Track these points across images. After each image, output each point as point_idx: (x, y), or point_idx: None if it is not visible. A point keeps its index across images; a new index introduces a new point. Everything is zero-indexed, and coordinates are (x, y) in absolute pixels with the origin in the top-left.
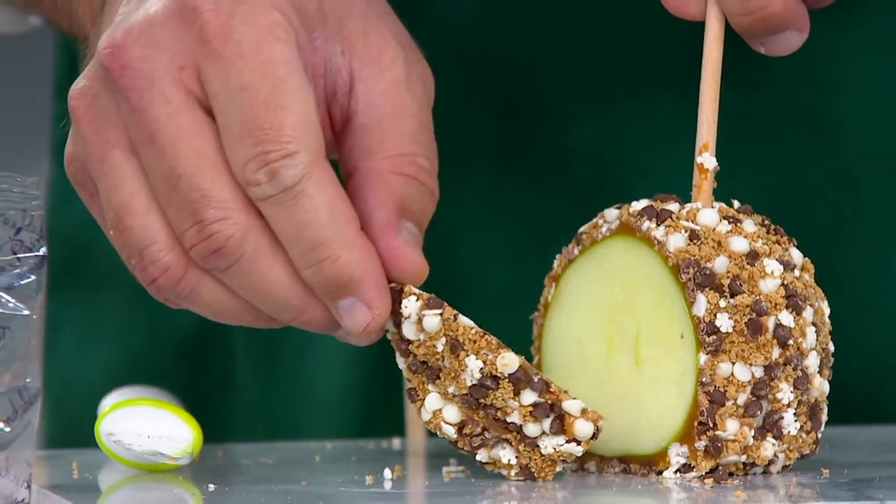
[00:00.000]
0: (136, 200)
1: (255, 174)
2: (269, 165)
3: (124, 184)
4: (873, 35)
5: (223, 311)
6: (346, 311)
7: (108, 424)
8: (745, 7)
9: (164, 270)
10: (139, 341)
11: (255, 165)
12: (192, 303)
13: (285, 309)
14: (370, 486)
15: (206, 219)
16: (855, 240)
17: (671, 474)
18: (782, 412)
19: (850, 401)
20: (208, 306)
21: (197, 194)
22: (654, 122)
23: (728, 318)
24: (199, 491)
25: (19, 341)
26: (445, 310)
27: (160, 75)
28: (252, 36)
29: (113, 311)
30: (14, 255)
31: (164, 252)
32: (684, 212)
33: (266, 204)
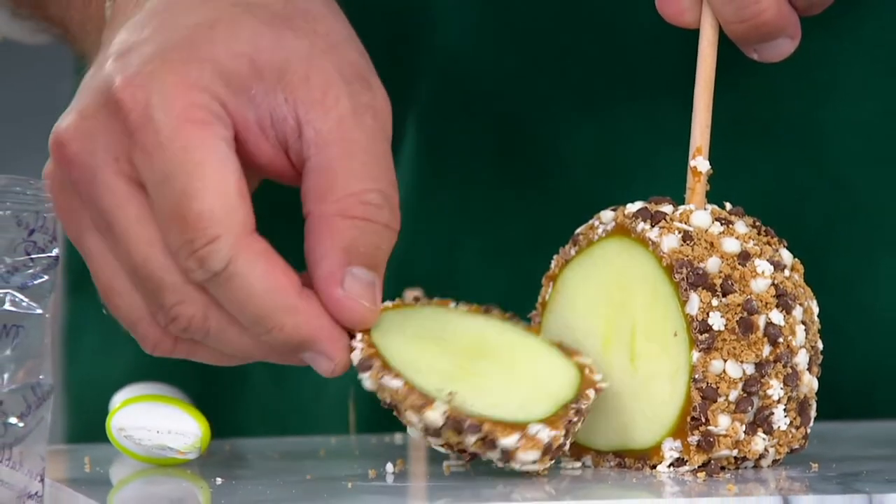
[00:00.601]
0: (117, 282)
1: (187, 262)
2: (195, 253)
3: (104, 267)
4: (865, 43)
5: (229, 357)
6: (311, 360)
7: (119, 420)
8: (739, 15)
9: (156, 344)
10: None
11: (184, 254)
12: (197, 358)
13: (274, 357)
14: (373, 480)
15: (165, 304)
16: (847, 242)
17: (665, 468)
18: (772, 408)
19: (843, 399)
20: (212, 359)
21: (152, 284)
22: (649, 128)
23: (720, 316)
24: (207, 484)
25: (33, 339)
26: (374, 369)
27: (101, 167)
28: (168, 123)
29: None
30: (27, 256)
31: (151, 328)
32: (678, 214)
33: (207, 285)
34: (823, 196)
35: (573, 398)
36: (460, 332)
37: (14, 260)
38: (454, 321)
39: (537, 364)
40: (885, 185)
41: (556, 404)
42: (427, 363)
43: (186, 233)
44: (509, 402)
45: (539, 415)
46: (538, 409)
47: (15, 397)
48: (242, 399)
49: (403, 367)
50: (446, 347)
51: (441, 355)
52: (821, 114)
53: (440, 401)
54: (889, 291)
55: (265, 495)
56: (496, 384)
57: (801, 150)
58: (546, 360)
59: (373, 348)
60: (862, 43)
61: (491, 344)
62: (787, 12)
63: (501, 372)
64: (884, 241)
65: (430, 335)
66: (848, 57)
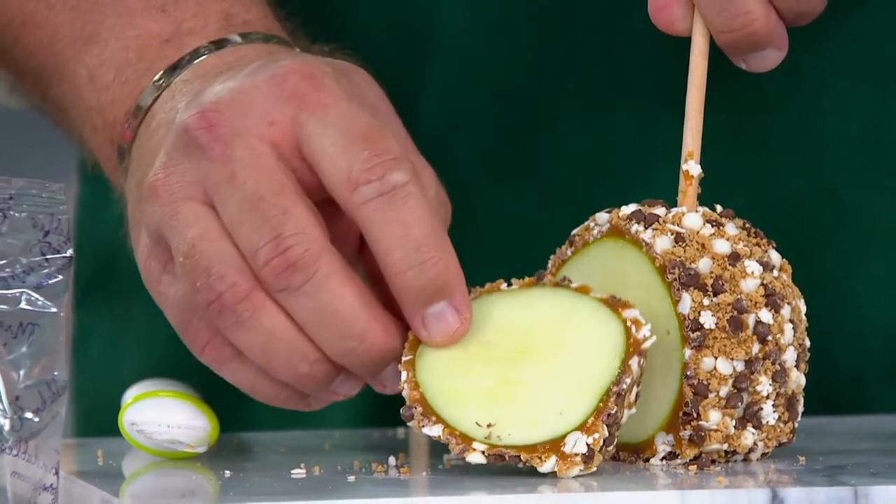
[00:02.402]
0: (210, 231)
1: (369, 174)
2: (381, 166)
3: (198, 220)
4: (853, 56)
5: (273, 350)
6: (435, 317)
7: (131, 414)
8: (729, 25)
9: (231, 286)
10: (163, 349)
11: (364, 165)
12: (248, 331)
13: (347, 334)
14: (375, 473)
15: (284, 232)
16: (838, 246)
17: (658, 461)
18: (761, 403)
19: (834, 397)
20: (261, 342)
21: (277, 210)
22: (644, 133)
23: (711, 315)
24: (216, 477)
25: (48, 337)
26: (415, 419)
27: (247, 129)
28: (344, 91)
29: (138, 321)
30: (43, 256)
31: (233, 271)
32: (670, 216)
33: (370, 207)
34: (814, 203)
35: (616, 378)
36: (506, 328)
37: (30, 260)
38: (501, 314)
39: (582, 343)
40: (874, 192)
41: (598, 393)
42: (469, 388)
43: (371, 151)
44: (549, 411)
45: (577, 419)
46: (578, 410)
47: (31, 393)
48: (248, 402)
49: (445, 402)
50: (490, 355)
51: (484, 371)
52: (811, 124)
53: (478, 441)
54: (877, 293)
55: (272, 487)
56: (537, 391)
57: (793, 159)
58: (592, 333)
59: (416, 390)
60: (850, 56)
61: (535, 336)
62: (776, 23)
63: (543, 372)
64: (872, 245)
65: (476, 342)
66: (837, 70)
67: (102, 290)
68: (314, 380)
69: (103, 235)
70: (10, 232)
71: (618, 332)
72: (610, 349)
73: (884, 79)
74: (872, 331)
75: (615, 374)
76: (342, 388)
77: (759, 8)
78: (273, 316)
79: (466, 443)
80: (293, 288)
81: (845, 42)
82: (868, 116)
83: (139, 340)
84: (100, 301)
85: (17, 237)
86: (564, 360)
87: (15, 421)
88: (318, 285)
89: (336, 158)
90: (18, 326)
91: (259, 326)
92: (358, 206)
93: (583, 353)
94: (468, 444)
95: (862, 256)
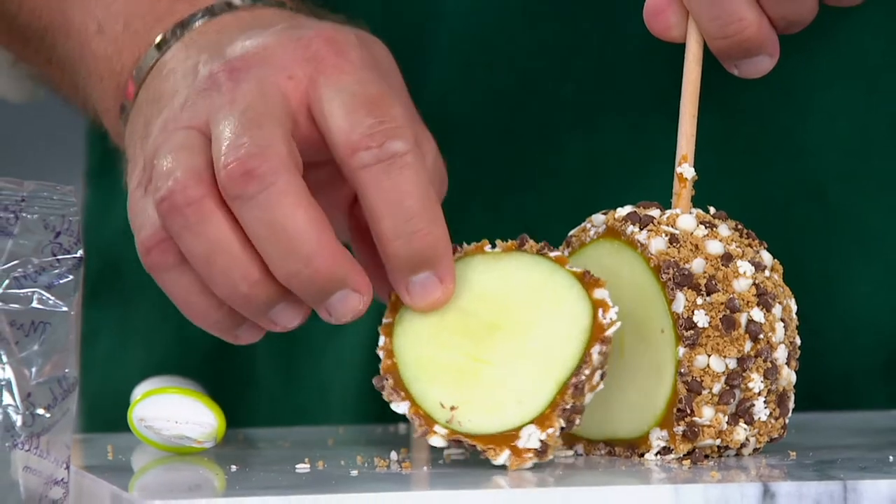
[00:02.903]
0: (191, 146)
1: (369, 140)
2: (382, 133)
3: (184, 139)
4: (841, 64)
5: (215, 262)
6: (419, 285)
7: (140, 411)
8: (722, 31)
9: (184, 188)
10: (167, 347)
11: (367, 130)
12: (193, 237)
13: (294, 253)
14: (378, 467)
15: (250, 142)
16: (825, 247)
17: (652, 456)
18: (753, 400)
19: (823, 394)
20: (204, 250)
21: (254, 126)
22: (639, 138)
23: (704, 314)
24: (222, 471)
25: (59, 335)
26: (386, 390)
27: (266, 75)
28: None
29: (144, 320)
30: (54, 257)
31: (191, 177)
32: (665, 217)
33: (367, 172)
34: (803, 205)
35: (575, 369)
36: (483, 296)
37: (41, 260)
38: (481, 279)
39: (552, 324)
40: (859, 195)
41: (558, 384)
42: (439, 361)
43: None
44: (509, 398)
45: (534, 411)
46: (536, 400)
47: (42, 389)
48: (251, 398)
49: (415, 374)
50: (465, 327)
51: (456, 344)
52: (800, 130)
53: (440, 424)
54: (865, 293)
55: (277, 481)
56: (502, 374)
57: (783, 164)
58: (562, 313)
59: (390, 359)
60: (838, 64)
61: (510, 309)
62: (768, 30)
63: (511, 353)
64: (858, 245)
65: (453, 309)
66: (825, 78)
67: (108, 291)
68: (252, 302)
69: (108, 238)
70: (23, 233)
71: (585, 315)
72: (576, 334)
73: (870, 86)
74: (860, 329)
75: (575, 365)
76: (280, 316)
77: (752, 15)
78: (220, 226)
79: (429, 424)
80: (246, 197)
81: (833, 50)
82: (855, 122)
83: (144, 338)
84: (106, 301)
85: (29, 238)
86: (532, 341)
87: (27, 417)
88: (271, 199)
89: (341, 120)
90: (30, 325)
91: (204, 234)
92: (355, 169)
93: (550, 335)
94: (430, 426)
95: (849, 257)
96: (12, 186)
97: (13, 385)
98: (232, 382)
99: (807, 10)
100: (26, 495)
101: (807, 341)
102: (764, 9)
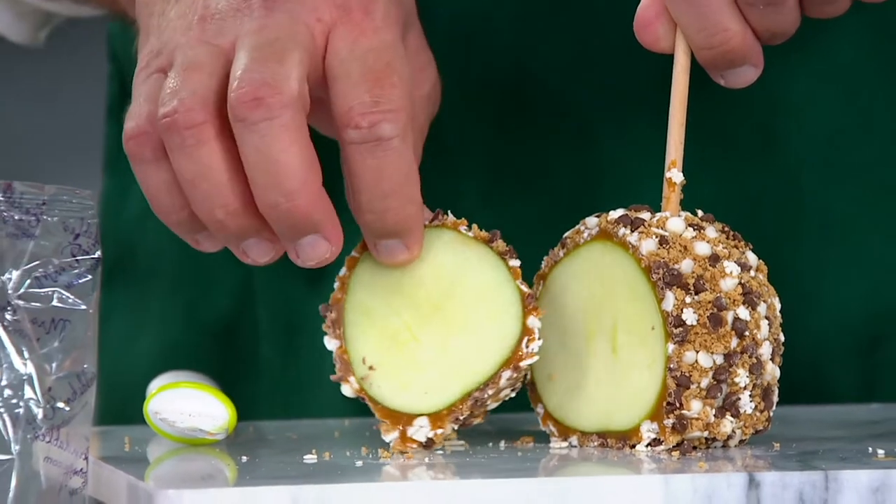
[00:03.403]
0: (207, 66)
1: (361, 119)
2: (375, 114)
3: (206, 56)
4: (814, 64)
5: (199, 183)
6: (387, 249)
7: (155, 404)
8: (708, 42)
9: (188, 111)
10: (177, 330)
11: (361, 109)
12: (185, 157)
13: (279, 186)
14: (382, 458)
15: (267, 73)
16: (797, 238)
17: (643, 447)
18: (739, 394)
19: (794, 382)
20: (192, 171)
21: (275, 58)
22: (629, 141)
23: (693, 312)
24: (233, 461)
25: (78, 332)
26: (326, 321)
27: (297, 13)
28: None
29: (155, 305)
30: (73, 258)
31: (198, 102)
32: (655, 220)
33: (353, 148)
34: (777, 197)
35: (481, 384)
36: (440, 273)
37: (61, 261)
38: (445, 255)
39: (483, 331)
40: (831, 188)
41: (465, 390)
42: (379, 317)
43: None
44: (419, 385)
45: (433, 407)
46: (439, 398)
47: (62, 384)
48: (254, 378)
49: (355, 318)
50: (414, 298)
51: (400, 309)
52: (776, 127)
53: (355, 378)
54: (835, 283)
55: (285, 471)
56: (425, 358)
57: (758, 158)
58: (496, 326)
59: (342, 291)
60: (811, 66)
61: (456, 298)
62: (752, 42)
63: (440, 343)
64: (830, 238)
65: (410, 274)
66: (798, 78)
67: (123, 275)
68: (226, 229)
69: (124, 225)
70: (43, 235)
71: (511, 337)
72: (496, 351)
73: (844, 86)
74: (830, 319)
75: (483, 381)
76: (252, 250)
77: (737, 27)
78: (212, 153)
79: (346, 373)
80: (250, 122)
81: (807, 51)
82: (824, 119)
83: (156, 320)
84: (121, 284)
85: (49, 240)
86: (459, 338)
87: (48, 410)
88: (272, 130)
89: (343, 89)
90: (51, 322)
91: (196, 156)
92: (345, 142)
93: (475, 342)
94: (347, 374)
95: (819, 245)
96: (34, 191)
97: (34, 380)
98: (237, 361)
99: (790, 22)
100: (47, 485)
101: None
102: (749, 21)
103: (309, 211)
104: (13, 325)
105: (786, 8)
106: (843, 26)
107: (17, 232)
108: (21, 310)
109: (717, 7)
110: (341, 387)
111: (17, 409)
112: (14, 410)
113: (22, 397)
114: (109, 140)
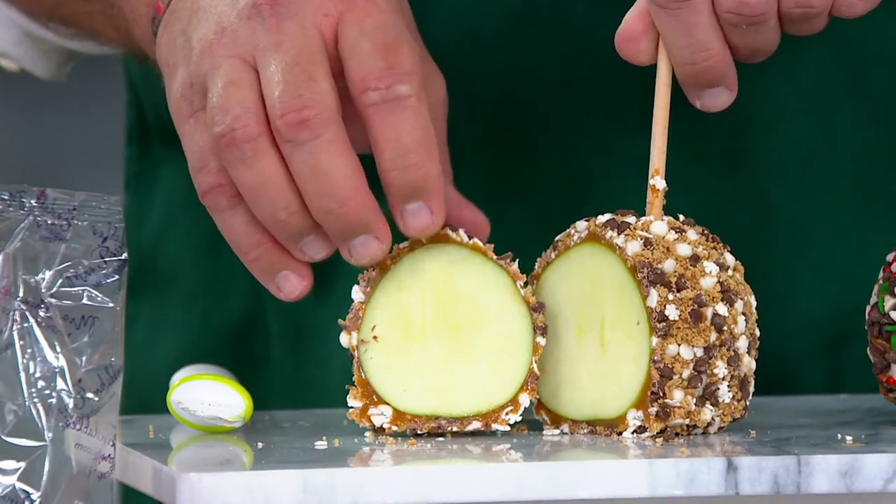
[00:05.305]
0: (243, 81)
1: (378, 82)
2: (391, 76)
3: (235, 71)
4: (782, 85)
5: (262, 190)
6: (412, 213)
7: (178, 395)
8: (691, 58)
9: (244, 126)
10: (195, 332)
11: (377, 73)
12: (247, 169)
13: (330, 194)
14: (388, 445)
15: (305, 94)
16: (766, 244)
17: (629, 434)
18: (718, 384)
19: (767, 376)
20: (255, 181)
21: (305, 76)
22: (613, 155)
23: (675, 308)
24: (250, 448)
25: (105, 328)
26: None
27: (304, 14)
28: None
29: (174, 312)
30: (101, 259)
31: (250, 115)
32: (640, 223)
33: (374, 109)
34: (746, 207)
35: (455, 417)
36: (479, 301)
37: (90, 262)
38: (492, 293)
39: (481, 374)
40: (798, 198)
41: (434, 412)
42: (409, 302)
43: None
44: (402, 379)
45: (403, 406)
46: (413, 403)
47: (91, 376)
48: (266, 376)
49: (389, 287)
50: (449, 303)
51: (431, 304)
52: (746, 142)
53: (357, 336)
54: (803, 287)
55: (298, 456)
56: (422, 360)
57: (729, 170)
58: (493, 378)
59: (392, 260)
60: (779, 87)
61: (479, 331)
62: (730, 62)
63: (443, 356)
64: (799, 246)
65: (457, 283)
66: (768, 97)
67: (145, 284)
68: (288, 229)
69: (145, 239)
70: (74, 238)
71: (499, 401)
72: (481, 403)
73: (810, 104)
74: (798, 321)
75: (453, 416)
76: (309, 247)
77: (718, 46)
78: (272, 162)
79: (353, 327)
80: (298, 142)
81: (777, 74)
82: (792, 132)
83: (175, 325)
84: (143, 293)
85: (79, 242)
86: (459, 370)
87: (78, 400)
88: (319, 146)
89: (358, 61)
90: (81, 319)
91: (257, 166)
92: (364, 106)
93: (471, 382)
94: (352, 329)
95: (786, 251)
96: (65, 197)
97: (66, 372)
98: (250, 360)
99: (771, 41)
100: (77, 469)
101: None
102: (731, 40)
103: (360, 214)
104: (46, 322)
105: (767, 27)
106: (809, 48)
107: (50, 235)
108: (53, 307)
109: (705, 26)
110: (341, 336)
111: (50, 400)
112: (47, 401)
113: (54, 388)
114: (129, 162)
